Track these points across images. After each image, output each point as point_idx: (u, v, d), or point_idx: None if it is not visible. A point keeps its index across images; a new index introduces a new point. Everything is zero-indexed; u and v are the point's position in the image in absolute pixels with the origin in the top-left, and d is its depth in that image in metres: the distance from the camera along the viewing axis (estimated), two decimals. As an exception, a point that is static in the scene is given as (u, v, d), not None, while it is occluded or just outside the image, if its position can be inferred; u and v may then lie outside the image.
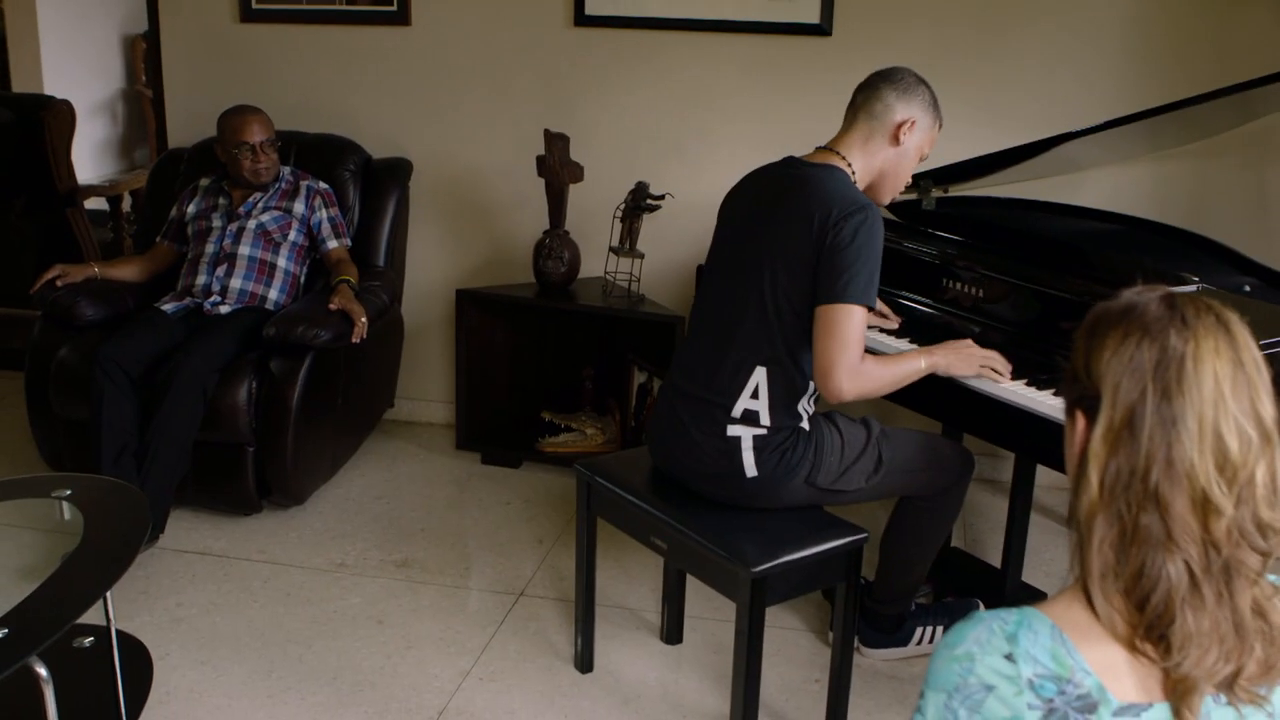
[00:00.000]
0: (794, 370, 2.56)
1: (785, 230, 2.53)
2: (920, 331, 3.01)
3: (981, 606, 3.08)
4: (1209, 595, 1.21)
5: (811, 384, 2.60)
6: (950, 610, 3.09)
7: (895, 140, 2.65)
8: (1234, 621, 1.22)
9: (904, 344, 2.94)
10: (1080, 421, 1.30)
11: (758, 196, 2.67)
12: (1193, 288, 2.73)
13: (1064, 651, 1.22)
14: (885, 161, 2.67)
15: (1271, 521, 1.23)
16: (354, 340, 3.66)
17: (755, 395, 2.56)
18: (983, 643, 1.24)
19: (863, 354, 2.48)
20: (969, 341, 2.77)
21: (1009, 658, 1.22)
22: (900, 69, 2.68)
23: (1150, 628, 1.22)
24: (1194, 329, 1.24)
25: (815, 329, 2.48)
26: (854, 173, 2.63)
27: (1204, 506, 1.21)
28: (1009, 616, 1.25)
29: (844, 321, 2.44)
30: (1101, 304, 1.32)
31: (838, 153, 2.65)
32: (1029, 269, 2.92)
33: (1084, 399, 1.29)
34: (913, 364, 2.64)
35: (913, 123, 2.64)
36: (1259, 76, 2.87)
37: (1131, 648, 1.23)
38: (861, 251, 2.44)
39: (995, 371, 2.70)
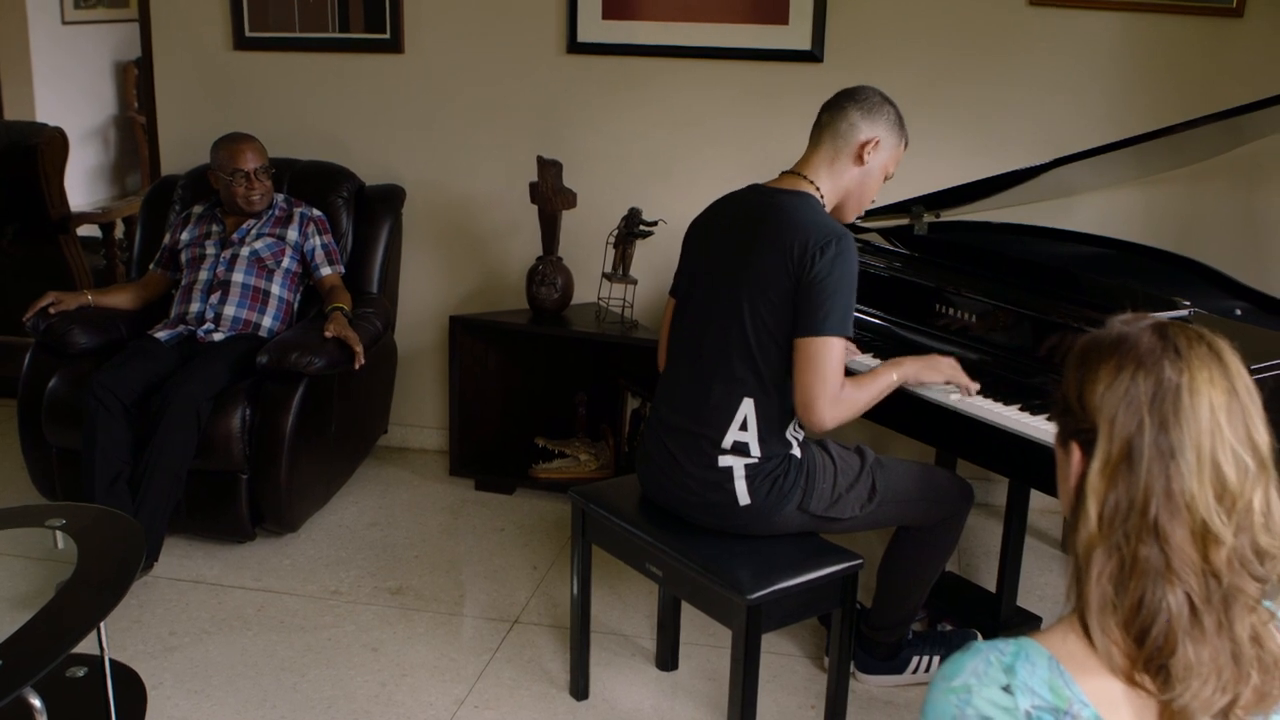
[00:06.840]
0: (779, 399, 2.56)
1: (762, 261, 2.52)
2: (889, 349, 3.03)
3: (979, 637, 3.07)
4: (1209, 625, 1.21)
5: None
6: (948, 640, 3.09)
7: (860, 160, 2.63)
8: (1232, 651, 1.22)
9: (869, 359, 2.98)
10: (1075, 453, 1.30)
11: (730, 226, 2.66)
12: (1184, 312, 2.74)
13: (1062, 683, 1.22)
14: (850, 181, 2.66)
15: (1269, 548, 1.23)
16: (355, 367, 3.67)
17: (744, 427, 2.56)
18: (980, 674, 1.24)
19: (842, 382, 2.49)
20: (932, 354, 2.80)
21: (1007, 689, 1.22)
22: (866, 88, 2.66)
23: (1150, 660, 1.22)
24: (1188, 359, 1.25)
25: (795, 362, 2.49)
26: (822, 196, 2.62)
27: (1204, 537, 1.22)
28: (1006, 647, 1.25)
29: (823, 354, 2.45)
30: (1090, 334, 1.33)
31: (805, 177, 2.64)
32: (1021, 294, 2.93)
33: (1079, 432, 1.30)
34: (885, 379, 2.63)
35: (877, 141, 2.63)
36: (1250, 102, 2.89)
37: (1129, 680, 1.23)
38: (839, 283, 2.45)
39: (961, 382, 2.74)
